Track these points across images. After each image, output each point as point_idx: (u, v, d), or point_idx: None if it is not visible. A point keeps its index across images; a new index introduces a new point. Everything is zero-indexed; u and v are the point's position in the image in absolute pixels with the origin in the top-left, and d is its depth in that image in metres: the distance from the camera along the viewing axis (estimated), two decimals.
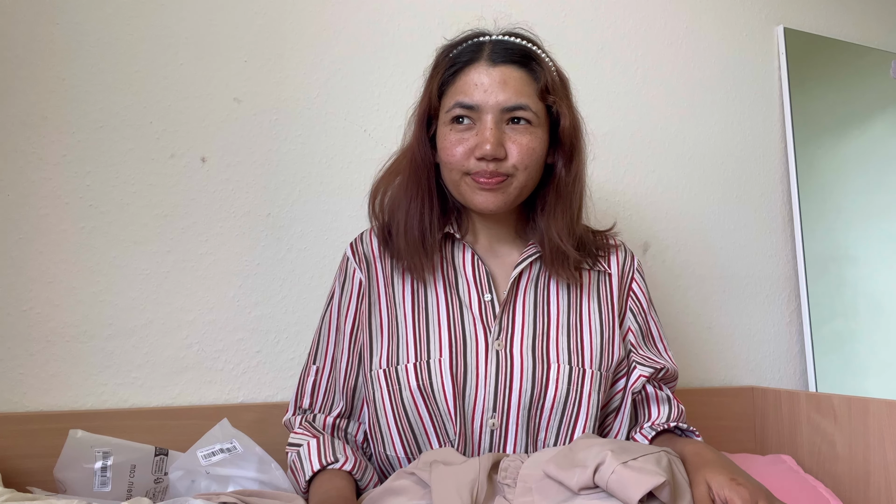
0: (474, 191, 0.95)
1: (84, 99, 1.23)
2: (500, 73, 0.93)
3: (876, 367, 1.68)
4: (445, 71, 0.96)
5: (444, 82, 0.97)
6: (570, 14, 1.56)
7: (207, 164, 1.29)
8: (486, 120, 0.92)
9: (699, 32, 1.68)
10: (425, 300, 0.99)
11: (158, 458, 1.05)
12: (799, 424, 1.39)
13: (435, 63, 0.99)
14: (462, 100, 0.93)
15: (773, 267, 1.69)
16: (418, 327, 0.97)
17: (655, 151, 1.61)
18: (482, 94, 0.92)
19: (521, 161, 0.93)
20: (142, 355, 1.23)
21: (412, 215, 0.98)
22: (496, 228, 1.03)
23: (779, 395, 1.46)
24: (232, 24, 1.32)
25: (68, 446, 0.99)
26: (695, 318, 1.60)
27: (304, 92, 1.36)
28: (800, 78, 1.74)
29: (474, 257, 1.01)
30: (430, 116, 1.00)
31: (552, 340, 0.97)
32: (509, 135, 0.93)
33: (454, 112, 0.94)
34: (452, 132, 0.94)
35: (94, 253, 1.22)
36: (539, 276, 1.01)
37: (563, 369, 0.95)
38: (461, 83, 0.94)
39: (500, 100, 0.92)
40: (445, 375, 0.93)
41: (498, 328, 0.97)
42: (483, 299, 0.98)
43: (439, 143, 0.97)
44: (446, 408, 0.93)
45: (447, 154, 0.95)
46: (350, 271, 1.05)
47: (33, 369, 1.17)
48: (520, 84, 0.93)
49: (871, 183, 1.77)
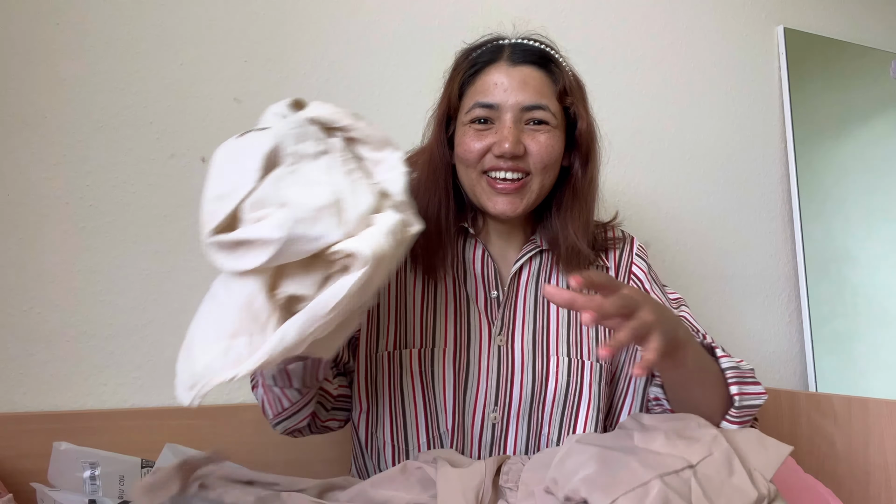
0: (491, 195, 0.95)
1: (84, 99, 1.23)
2: (520, 73, 0.94)
3: (876, 367, 1.68)
4: (465, 72, 0.97)
5: (465, 83, 0.98)
6: (571, 14, 1.56)
7: (207, 164, 1.29)
8: (506, 119, 0.93)
9: (699, 32, 1.68)
10: (434, 292, 1.00)
11: (145, 469, 1.05)
12: (799, 424, 1.38)
13: (455, 65, 1.00)
14: (482, 99, 0.94)
15: (773, 267, 1.69)
16: (426, 316, 0.98)
17: (655, 151, 1.61)
18: (502, 94, 0.93)
19: (541, 159, 0.93)
20: (142, 355, 1.23)
21: (429, 215, 0.97)
22: (509, 231, 1.03)
23: (779, 395, 1.46)
24: (232, 24, 1.32)
25: (54, 459, 0.98)
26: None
27: (304, 92, 1.35)
28: (800, 78, 1.74)
29: (485, 254, 1.01)
30: (450, 117, 1.00)
31: (552, 334, 0.98)
32: (528, 133, 0.94)
33: (474, 112, 0.94)
34: (472, 130, 0.95)
35: (94, 253, 1.22)
36: (539, 271, 1.02)
37: (562, 361, 0.97)
38: (481, 83, 0.95)
39: (519, 99, 0.93)
40: (448, 365, 0.95)
41: (500, 323, 0.98)
42: (489, 296, 0.99)
43: (457, 141, 0.97)
44: (443, 398, 0.94)
45: (465, 151, 0.95)
46: None
47: (33, 369, 1.17)
48: (539, 84, 0.94)
49: (871, 183, 1.77)
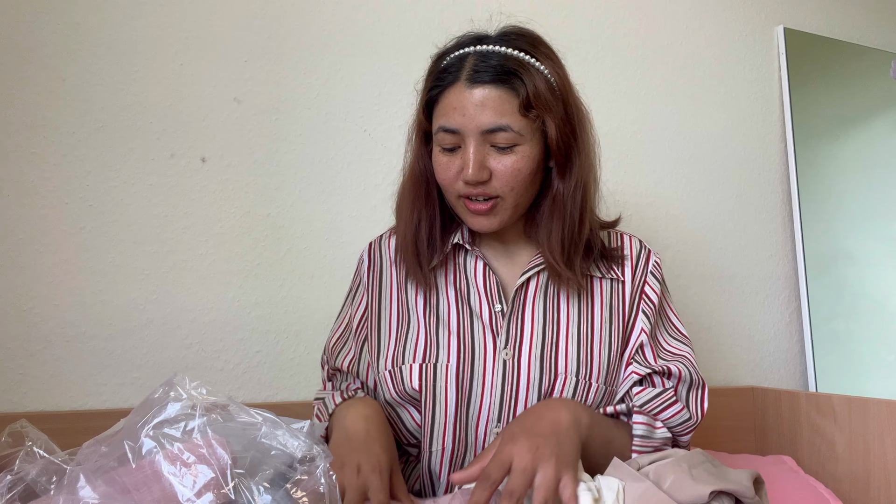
0: (467, 215, 0.95)
1: (84, 99, 1.23)
2: (479, 95, 0.89)
3: (876, 367, 1.67)
4: (431, 90, 0.95)
5: (430, 101, 0.95)
6: (570, 14, 1.56)
7: (207, 164, 1.29)
8: (469, 143, 0.90)
9: (699, 32, 1.68)
10: (437, 307, 0.99)
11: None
12: (799, 424, 1.38)
13: (426, 75, 0.98)
14: (444, 124, 0.92)
15: (773, 267, 1.69)
16: (429, 331, 0.97)
17: (655, 151, 1.61)
18: (461, 119, 0.90)
19: (506, 182, 0.91)
20: (142, 355, 1.23)
21: (409, 228, 0.98)
22: (503, 235, 1.02)
23: (779, 395, 1.46)
24: (232, 24, 1.32)
25: None
26: (695, 318, 1.60)
27: (304, 92, 1.36)
28: (800, 78, 1.74)
29: (486, 268, 1.00)
30: (427, 132, 0.99)
31: (561, 351, 0.96)
32: (493, 156, 0.91)
33: (439, 136, 0.93)
34: (441, 154, 0.94)
35: (94, 253, 1.22)
36: (549, 284, 0.99)
37: (569, 381, 0.94)
38: (443, 105, 0.92)
39: (478, 123, 0.89)
40: (451, 380, 0.93)
41: (505, 337, 0.95)
42: (493, 310, 0.97)
43: (433, 162, 0.96)
44: (443, 414, 0.93)
45: (439, 177, 0.95)
46: (363, 272, 1.06)
47: (33, 369, 1.17)
48: (497, 104, 0.89)
49: (871, 183, 1.77)
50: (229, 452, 0.53)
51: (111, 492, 0.52)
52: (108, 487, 0.52)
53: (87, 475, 0.54)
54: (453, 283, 1.00)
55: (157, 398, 0.58)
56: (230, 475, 0.52)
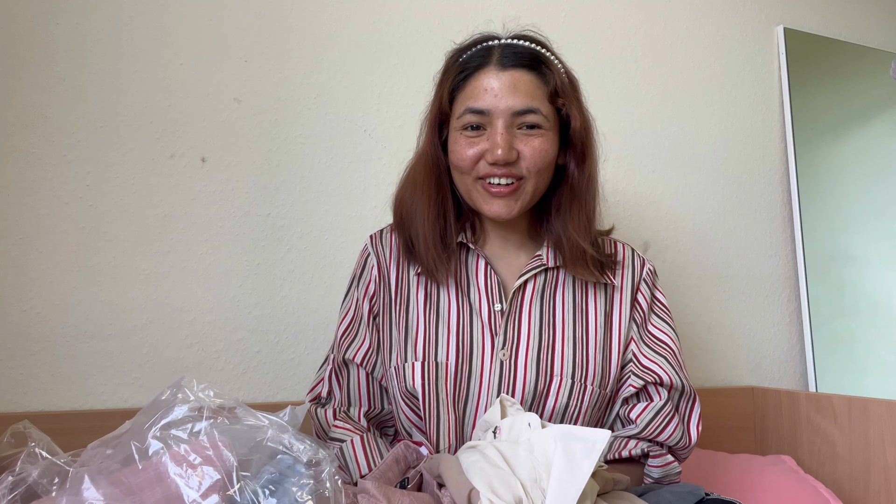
0: (486, 199, 0.95)
1: (84, 99, 1.23)
2: (510, 77, 0.93)
3: (876, 367, 1.68)
4: (456, 76, 0.96)
5: (455, 87, 0.97)
6: (570, 14, 1.56)
7: (207, 164, 1.29)
8: (497, 125, 0.92)
9: (699, 32, 1.68)
10: (437, 302, 0.99)
11: None
12: (799, 424, 1.39)
13: (445, 68, 0.99)
14: (472, 105, 0.93)
15: (773, 267, 1.69)
16: (429, 327, 0.98)
17: (655, 151, 1.61)
18: (492, 99, 0.92)
19: (534, 164, 0.93)
20: (142, 355, 1.23)
21: (430, 225, 0.98)
22: (508, 232, 1.03)
23: (779, 395, 1.46)
24: (232, 24, 1.32)
25: None
26: (695, 318, 1.60)
27: (304, 92, 1.36)
28: (800, 78, 1.74)
29: (487, 267, 1.00)
30: (442, 121, 1.00)
31: (557, 353, 0.97)
32: (520, 138, 0.93)
33: (465, 118, 0.94)
34: (463, 137, 0.94)
35: (94, 253, 1.22)
36: (545, 287, 1.00)
37: (565, 383, 0.95)
38: (471, 88, 0.94)
39: (510, 104, 0.92)
40: (450, 378, 0.94)
41: (503, 338, 0.96)
42: (493, 309, 0.98)
43: (451, 148, 0.97)
44: (444, 412, 0.93)
45: (459, 159, 0.95)
46: (370, 263, 1.04)
47: (33, 369, 1.17)
48: (530, 87, 0.93)
49: (871, 183, 1.77)
50: (235, 455, 0.53)
51: (116, 493, 0.52)
52: (113, 488, 0.52)
53: (92, 476, 0.54)
54: (455, 281, 1.00)
55: (164, 400, 0.58)
56: (236, 477, 0.52)
